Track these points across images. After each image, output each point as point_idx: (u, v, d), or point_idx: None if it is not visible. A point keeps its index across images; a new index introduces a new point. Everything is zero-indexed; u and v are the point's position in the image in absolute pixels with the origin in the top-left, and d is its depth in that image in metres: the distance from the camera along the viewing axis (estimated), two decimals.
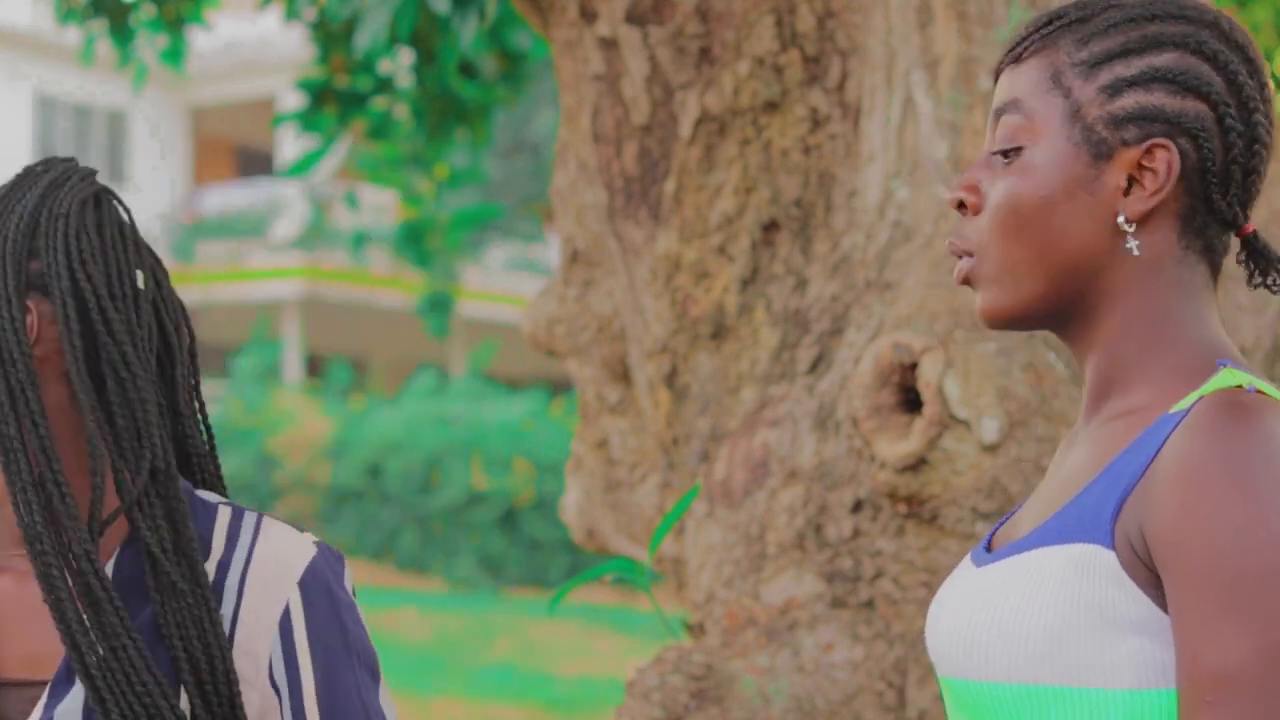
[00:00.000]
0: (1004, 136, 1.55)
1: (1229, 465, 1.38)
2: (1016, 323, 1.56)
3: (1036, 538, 1.48)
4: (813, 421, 3.05)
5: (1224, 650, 1.36)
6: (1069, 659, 1.42)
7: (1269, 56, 6.09)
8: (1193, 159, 1.51)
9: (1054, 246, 1.52)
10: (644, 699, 2.77)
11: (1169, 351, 1.52)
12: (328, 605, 1.68)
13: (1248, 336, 3.01)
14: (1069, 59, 1.54)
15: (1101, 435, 1.53)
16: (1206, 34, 1.54)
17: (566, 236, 3.46)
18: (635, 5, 3.24)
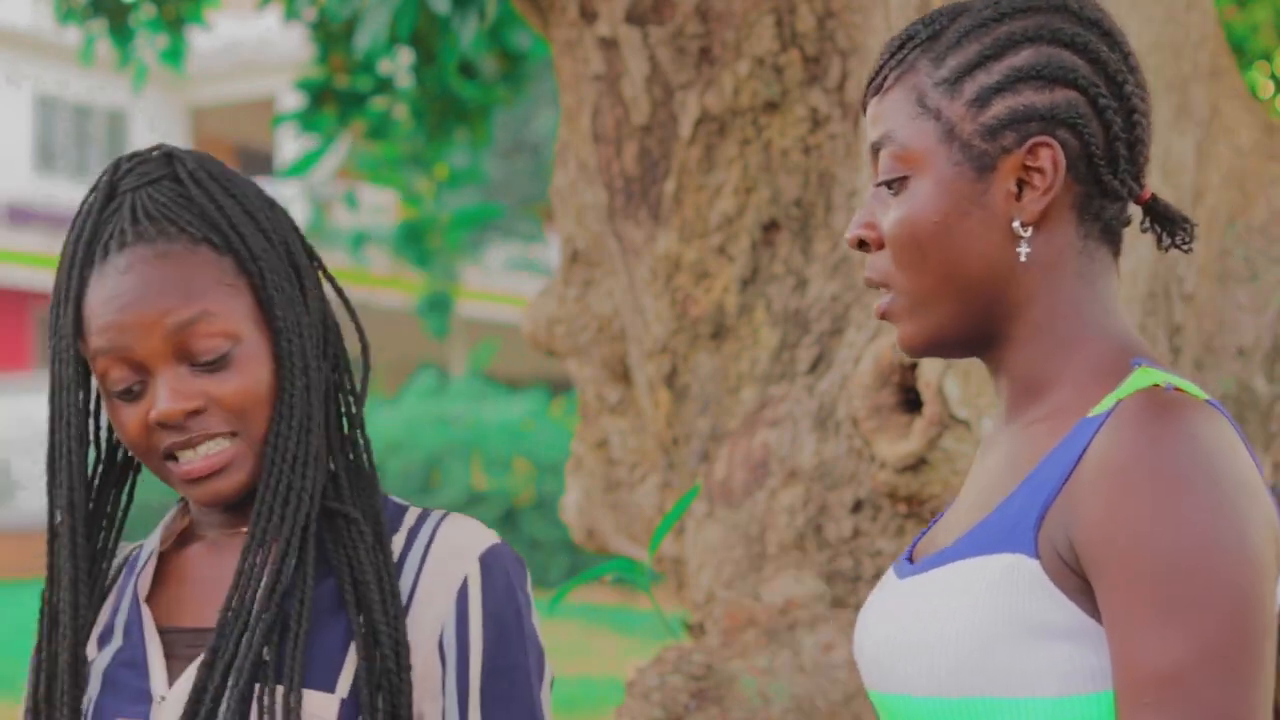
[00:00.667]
0: (886, 169, 1.53)
1: (1154, 467, 1.37)
2: (936, 349, 1.55)
3: (960, 549, 1.47)
4: (813, 421, 3.05)
5: (1161, 652, 1.35)
6: (996, 670, 1.41)
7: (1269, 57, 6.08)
8: (1075, 148, 1.50)
9: (958, 268, 1.51)
10: (644, 699, 2.77)
11: (1081, 351, 1.51)
12: (505, 586, 1.72)
13: (1248, 336, 3.00)
14: (930, 79, 1.52)
15: (1020, 441, 1.51)
16: (1059, 20, 1.53)
17: (566, 236, 3.46)
18: (635, 5, 3.24)
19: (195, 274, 1.68)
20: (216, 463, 1.68)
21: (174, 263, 1.68)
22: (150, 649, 1.71)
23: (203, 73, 24.40)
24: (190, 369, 1.68)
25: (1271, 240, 3.06)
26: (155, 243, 1.69)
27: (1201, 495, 1.37)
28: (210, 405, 1.68)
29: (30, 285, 23.70)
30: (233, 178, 1.75)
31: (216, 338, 1.68)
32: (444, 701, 1.70)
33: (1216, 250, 3.06)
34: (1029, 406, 1.52)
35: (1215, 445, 1.39)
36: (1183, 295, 3.03)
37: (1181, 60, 3.12)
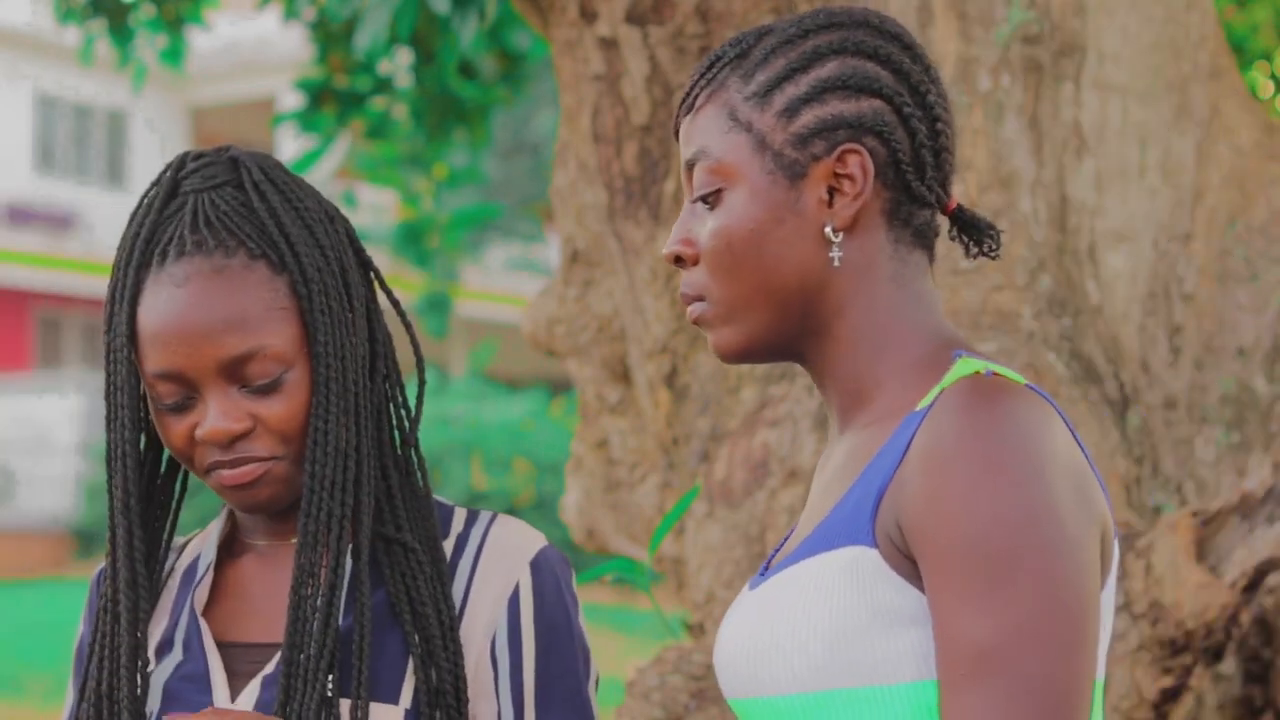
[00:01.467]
0: (701, 183, 1.57)
1: (973, 448, 1.41)
2: (752, 356, 1.59)
3: (804, 549, 1.50)
4: (813, 421, 3.05)
5: (977, 626, 1.38)
6: (850, 661, 1.44)
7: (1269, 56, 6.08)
8: (883, 155, 1.54)
9: (772, 275, 1.54)
10: (644, 699, 2.77)
11: (902, 351, 1.54)
12: (556, 589, 1.74)
13: (1248, 336, 3.00)
14: (740, 95, 1.56)
15: (853, 445, 1.55)
16: (861, 34, 1.57)
17: (566, 236, 3.46)
18: (635, 5, 3.24)
19: (251, 300, 1.68)
20: (257, 471, 1.69)
21: (231, 283, 1.68)
22: (212, 664, 1.72)
23: (202, 73, 24.40)
24: (240, 390, 1.69)
25: (1271, 240, 3.06)
26: (213, 256, 1.69)
27: (1015, 473, 1.40)
28: (257, 426, 1.69)
29: (30, 285, 23.70)
30: (295, 188, 1.74)
31: (269, 363, 1.68)
32: (498, 704, 1.71)
33: (1216, 250, 3.06)
34: (858, 411, 1.56)
35: (1034, 428, 1.42)
36: (1183, 295, 3.03)
37: (1181, 60, 3.12)
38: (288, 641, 1.67)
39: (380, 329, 1.78)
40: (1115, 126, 3.06)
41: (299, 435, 1.69)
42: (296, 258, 1.70)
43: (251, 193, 1.72)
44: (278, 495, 1.71)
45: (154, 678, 1.74)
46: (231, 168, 1.73)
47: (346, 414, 1.70)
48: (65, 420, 19.79)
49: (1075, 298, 3.00)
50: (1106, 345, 2.99)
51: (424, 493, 1.77)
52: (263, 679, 1.70)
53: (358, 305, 1.75)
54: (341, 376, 1.70)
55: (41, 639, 13.69)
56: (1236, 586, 2.70)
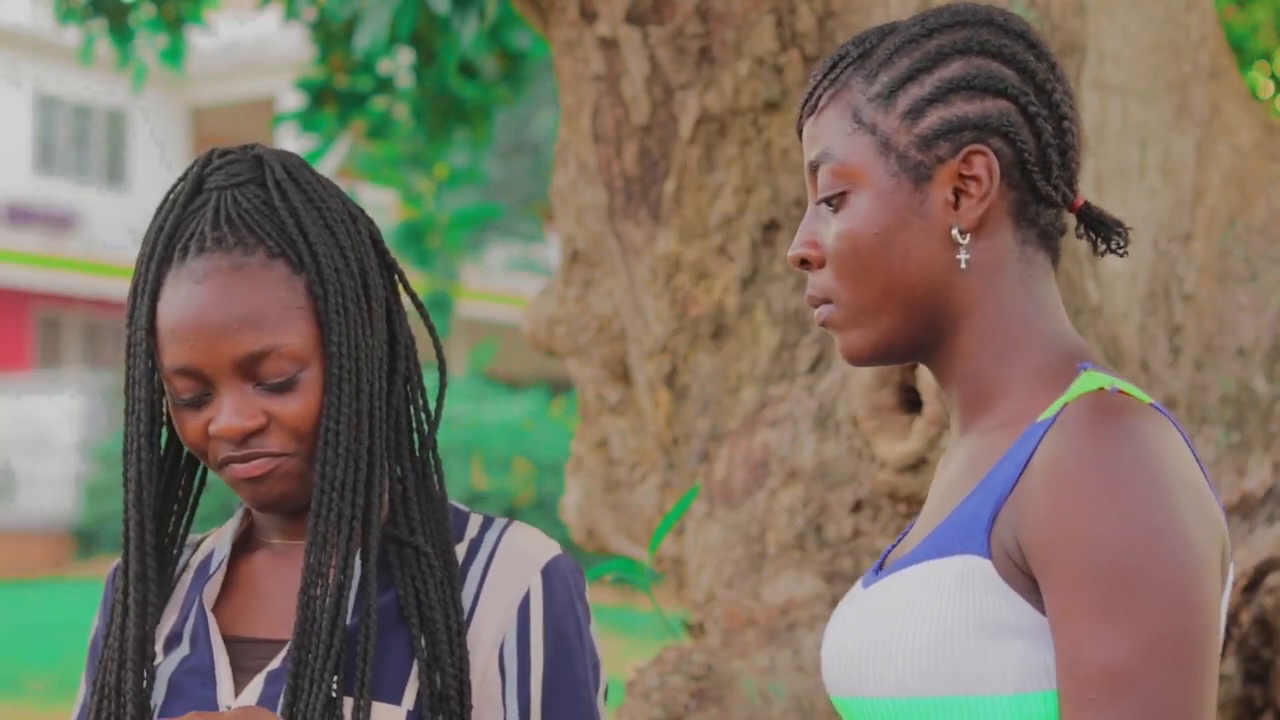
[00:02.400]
0: (825, 185, 1.56)
1: (1098, 467, 1.40)
2: (881, 359, 1.58)
3: (918, 554, 1.50)
4: (813, 421, 3.05)
5: (1105, 649, 1.37)
6: (954, 669, 1.44)
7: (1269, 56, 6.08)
8: (1009, 155, 1.54)
9: (899, 278, 1.54)
10: (644, 699, 2.77)
11: (1027, 357, 1.54)
12: (566, 598, 1.74)
13: (1248, 336, 3.00)
14: (864, 96, 1.56)
15: (975, 450, 1.54)
16: (985, 33, 1.56)
17: (566, 236, 3.46)
18: (635, 5, 3.24)
19: (269, 298, 1.69)
20: (268, 466, 1.70)
21: (249, 281, 1.69)
22: (218, 658, 1.73)
23: (203, 73, 24.40)
24: (255, 387, 1.69)
25: (1271, 240, 3.06)
26: (233, 253, 1.69)
27: (1143, 494, 1.40)
28: (271, 423, 1.69)
29: (30, 285, 23.70)
30: (318, 187, 1.75)
31: (285, 362, 1.69)
32: (504, 711, 1.71)
33: (1216, 250, 3.06)
34: (982, 415, 1.56)
35: (1158, 446, 1.42)
36: (1183, 295, 3.03)
37: (1181, 60, 3.12)
38: (295, 641, 1.67)
39: (402, 330, 1.78)
40: (1115, 126, 3.06)
41: (312, 434, 1.70)
42: (314, 257, 1.70)
43: (273, 191, 1.72)
44: (290, 492, 1.71)
45: (160, 670, 1.74)
46: (255, 165, 1.74)
47: (358, 415, 1.70)
48: (65, 420, 19.79)
49: (1075, 298, 3.00)
50: (1106, 345, 2.99)
51: (439, 496, 1.77)
52: (267, 675, 1.70)
53: (376, 306, 1.75)
54: (355, 377, 1.70)
55: (41, 639, 13.69)
56: (1236, 586, 2.70)
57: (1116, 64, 3.07)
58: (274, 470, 1.70)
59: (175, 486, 1.80)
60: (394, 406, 1.76)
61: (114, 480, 18.58)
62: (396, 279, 1.79)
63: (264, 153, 1.75)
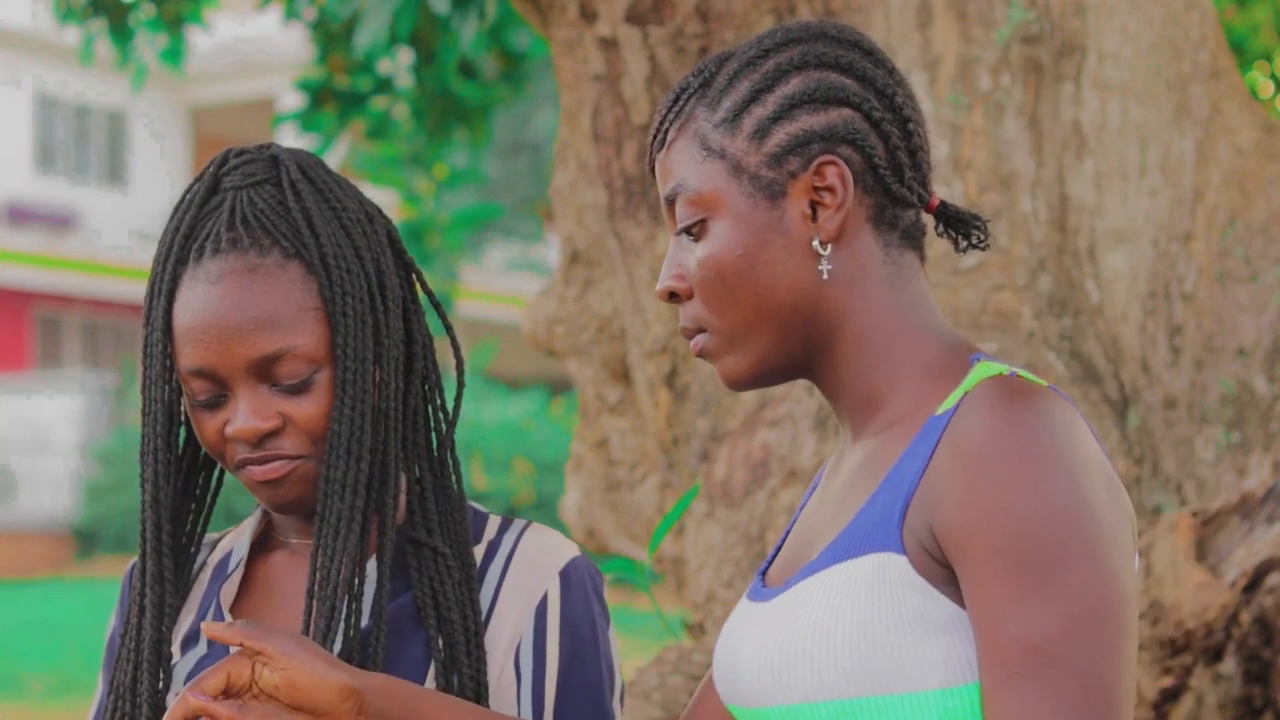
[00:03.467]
0: (683, 216, 1.57)
1: (1009, 447, 1.41)
2: (761, 380, 1.58)
3: (826, 558, 1.49)
4: (813, 421, 3.05)
5: (1028, 624, 1.38)
6: (877, 668, 1.44)
7: (1269, 56, 6.08)
8: (859, 162, 1.54)
9: (767, 297, 1.54)
10: (644, 699, 2.77)
11: (910, 356, 1.55)
12: (584, 599, 1.73)
13: (1248, 336, 3.00)
14: (709, 123, 1.56)
15: (870, 451, 1.54)
16: (820, 46, 1.57)
17: (566, 236, 3.46)
18: (635, 5, 3.24)
19: (283, 299, 1.69)
20: (284, 469, 1.70)
21: (264, 283, 1.69)
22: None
23: (203, 73, 24.40)
24: (271, 389, 1.69)
25: (1271, 240, 3.06)
26: (248, 254, 1.69)
27: (1055, 471, 1.41)
28: (287, 425, 1.69)
29: (30, 285, 23.70)
30: (334, 187, 1.75)
31: (299, 363, 1.69)
32: (519, 712, 1.71)
33: (1216, 250, 3.06)
34: (871, 418, 1.56)
35: (1064, 426, 1.43)
36: (1183, 295, 3.03)
37: (1181, 60, 3.12)
38: None
39: (420, 331, 1.78)
40: (1115, 126, 3.06)
41: (323, 437, 1.70)
42: (324, 259, 1.70)
43: (288, 191, 1.72)
44: (306, 495, 1.71)
45: (177, 670, 1.75)
46: (271, 165, 1.74)
47: (364, 416, 1.70)
48: (65, 420, 19.79)
49: (1075, 297, 3.00)
50: (1106, 345, 2.99)
51: (457, 497, 1.77)
52: None
53: (393, 307, 1.74)
54: (360, 379, 1.70)
55: (41, 639, 13.69)
56: (1236, 586, 2.71)
57: (1116, 64, 3.07)
58: (291, 473, 1.70)
59: (192, 486, 1.80)
60: (411, 406, 1.76)
61: (114, 480, 18.59)
62: (415, 279, 1.80)
63: (280, 152, 1.75)
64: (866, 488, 1.52)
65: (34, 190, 24.89)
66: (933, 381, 1.52)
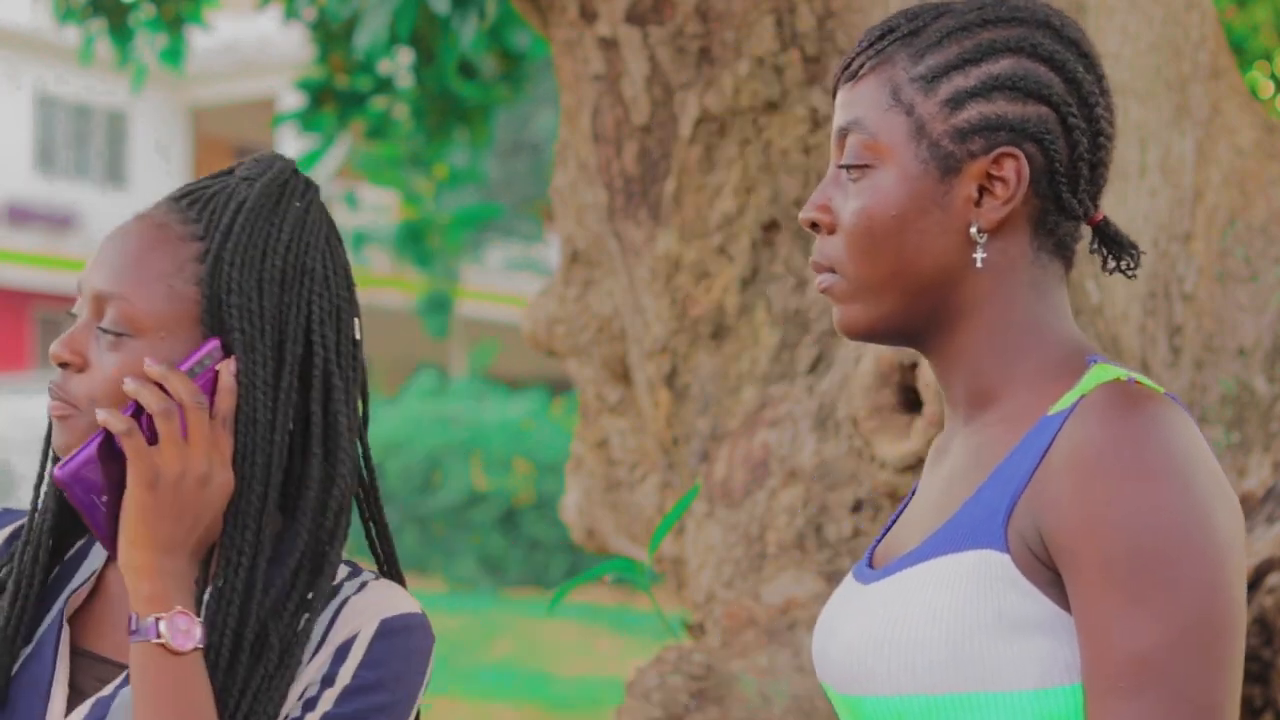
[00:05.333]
0: (852, 154, 1.54)
1: (1124, 455, 1.40)
2: (876, 338, 1.57)
3: (928, 549, 1.48)
4: (813, 421, 3.05)
5: (1135, 637, 1.37)
6: (972, 665, 1.43)
7: (1269, 56, 6.08)
8: (1040, 163, 1.52)
9: (909, 264, 1.52)
10: (644, 699, 2.77)
11: (1034, 354, 1.53)
12: (397, 660, 1.64)
13: (1248, 336, 3.00)
14: (906, 74, 1.53)
15: (980, 442, 1.53)
16: (1040, 35, 1.54)
17: (566, 236, 3.46)
18: (635, 5, 3.24)
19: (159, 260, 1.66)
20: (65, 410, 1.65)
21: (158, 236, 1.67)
22: (59, 674, 1.66)
23: (203, 73, 24.40)
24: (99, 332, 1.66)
25: (1271, 240, 3.06)
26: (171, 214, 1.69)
27: (1171, 482, 1.39)
28: (87, 369, 1.65)
29: (30, 285, 23.70)
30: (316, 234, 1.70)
31: (123, 316, 1.65)
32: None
33: (1216, 250, 3.06)
34: (984, 409, 1.54)
35: (1179, 435, 1.41)
36: (1183, 295, 3.03)
37: (1181, 60, 3.12)
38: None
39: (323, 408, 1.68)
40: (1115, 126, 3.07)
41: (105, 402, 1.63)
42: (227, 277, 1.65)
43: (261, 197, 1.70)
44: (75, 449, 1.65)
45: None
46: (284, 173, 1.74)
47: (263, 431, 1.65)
48: None
49: (1075, 297, 3.00)
50: (1106, 345, 2.99)
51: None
52: (95, 701, 1.64)
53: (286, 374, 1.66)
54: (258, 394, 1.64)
55: None
56: None
57: (1116, 64, 3.07)
58: (67, 419, 1.64)
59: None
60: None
61: None
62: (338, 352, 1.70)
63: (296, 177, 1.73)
64: (972, 481, 1.50)
65: (34, 190, 24.89)
66: (1048, 382, 1.50)
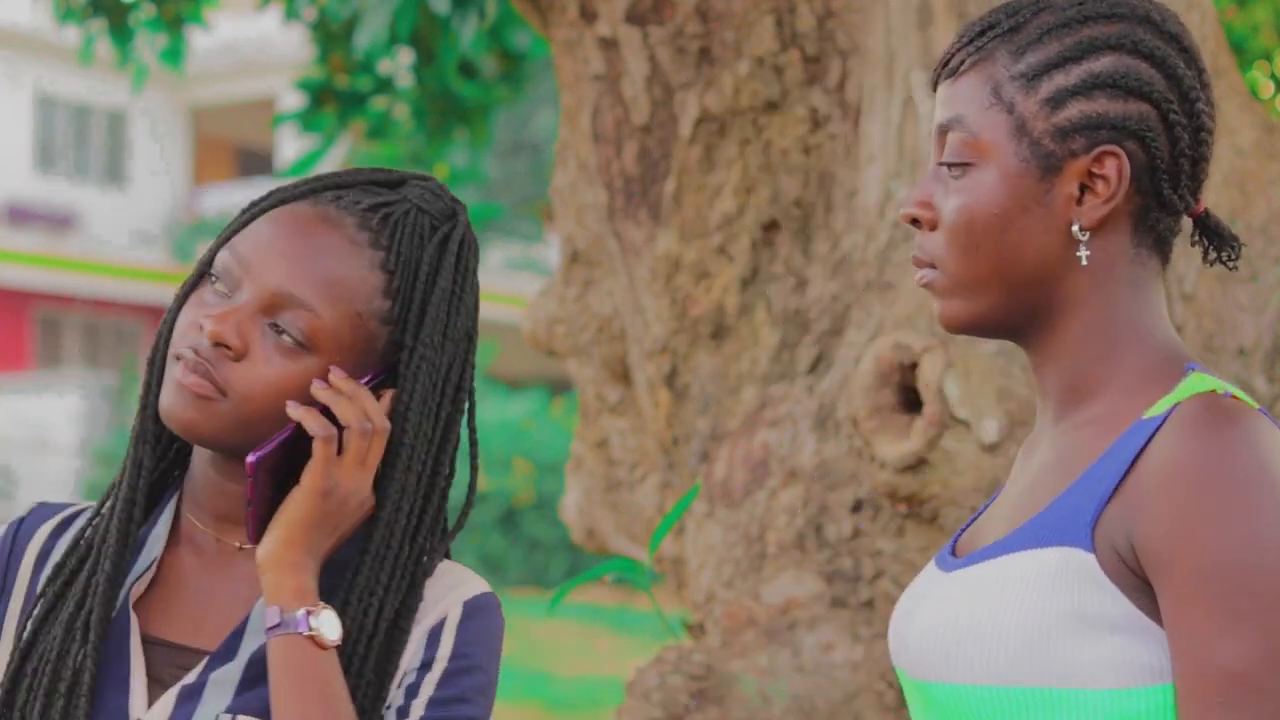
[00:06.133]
0: (953, 152, 1.55)
1: (1219, 472, 1.40)
2: (975, 330, 1.58)
3: (1012, 542, 1.49)
4: (813, 421, 3.05)
5: (1233, 653, 1.37)
6: (1049, 660, 1.43)
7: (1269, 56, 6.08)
8: (1141, 160, 1.52)
9: (1011, 261, 1.53)
10: (644, 699, 2.77)
11: (1131, 356, 1.53)
12: (487, 630, 1.67)
13: (1248, 336, 3.00)
14: (1007, 71, 1.54)
15: (1071, 441, 1.53)
16: (1141, 31, 1.54)
17: (566, 236, 3.46)
18: (635, 5, 3.24)
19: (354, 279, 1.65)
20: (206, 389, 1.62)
21: (350, 251, 1.65)
22: (135, 664, 1.65)
23: (203, 73, 24.39)
24: (265, 324, 1.63)
25: (1271, 240, 3.06)
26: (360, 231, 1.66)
27: (1261, 498, 1.39)
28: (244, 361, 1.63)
29: (30, 285, 23.70)
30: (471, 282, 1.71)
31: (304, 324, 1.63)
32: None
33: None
34: (1077, 408, 1.55)
35: (1271, 451, 1.42)
36: (1183, 295, 3.03)
37: None
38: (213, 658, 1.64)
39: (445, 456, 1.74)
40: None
41: (254, 403, 1.62)
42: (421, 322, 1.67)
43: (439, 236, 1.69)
44: (208, 432, 1.63)
45: None
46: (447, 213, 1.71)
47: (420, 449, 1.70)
48: (65, 420, 19.78)
49: None
50: None
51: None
52: (181, 690, 1.63)
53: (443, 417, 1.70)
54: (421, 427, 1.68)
55: None
56: None
57: None
58: (207, 399, 1.62)
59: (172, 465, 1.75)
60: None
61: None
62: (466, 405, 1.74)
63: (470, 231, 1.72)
64: (1062, 479, 1.51)
65: (34, 190, 24.89)
66: (1143, 385, 1.51)
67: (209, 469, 1.70)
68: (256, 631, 1.64)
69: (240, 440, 1.63)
